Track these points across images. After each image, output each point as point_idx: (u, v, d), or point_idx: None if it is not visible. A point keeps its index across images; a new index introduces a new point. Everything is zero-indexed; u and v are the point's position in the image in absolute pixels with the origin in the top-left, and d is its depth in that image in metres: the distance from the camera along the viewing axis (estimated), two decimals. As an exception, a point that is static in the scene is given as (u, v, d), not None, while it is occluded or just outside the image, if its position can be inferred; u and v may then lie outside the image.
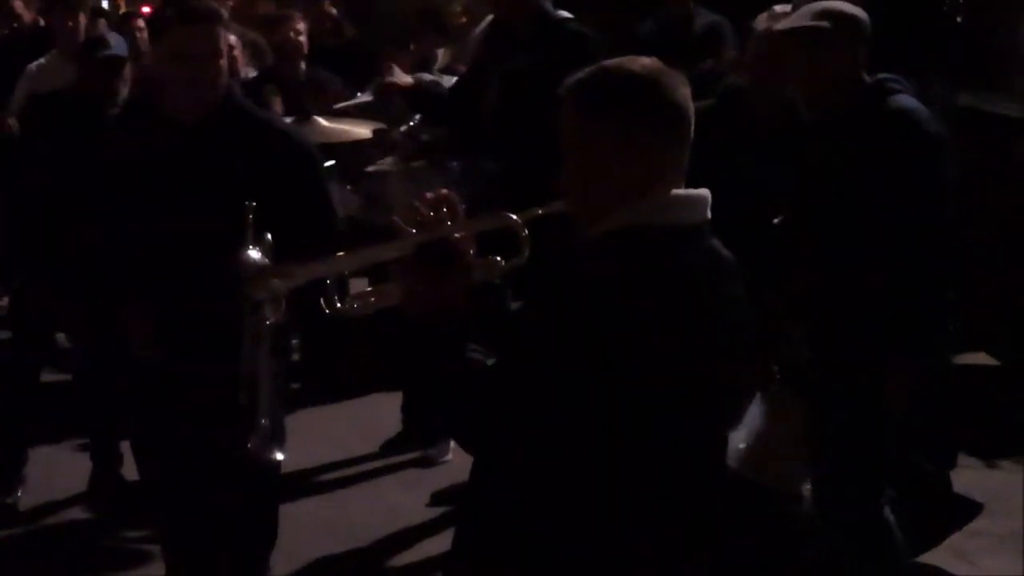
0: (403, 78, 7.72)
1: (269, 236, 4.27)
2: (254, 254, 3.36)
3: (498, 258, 3.16)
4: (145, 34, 9.00)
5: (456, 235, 3.08)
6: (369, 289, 3.30)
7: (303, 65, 8.86)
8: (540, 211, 3.17)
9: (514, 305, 3.27)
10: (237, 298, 3.38)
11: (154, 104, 4.85)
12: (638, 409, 2.86)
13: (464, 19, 9.59)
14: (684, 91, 3.05)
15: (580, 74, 3.08)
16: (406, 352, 3.04)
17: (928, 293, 5.12)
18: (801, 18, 5.26)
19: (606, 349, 2.83)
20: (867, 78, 5.25)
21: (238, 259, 3.37)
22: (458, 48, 9.48)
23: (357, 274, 5.23)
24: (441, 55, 9.37)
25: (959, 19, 8.64)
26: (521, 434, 2.90)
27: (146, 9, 10.10)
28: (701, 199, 3.08)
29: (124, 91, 7.26)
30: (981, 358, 8.37)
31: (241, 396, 4.23)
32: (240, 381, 4.28)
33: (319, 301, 3.19)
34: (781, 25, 5.35)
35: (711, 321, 2.96)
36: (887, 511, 5.37)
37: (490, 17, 7.47)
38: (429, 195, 3.13)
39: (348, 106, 8.10)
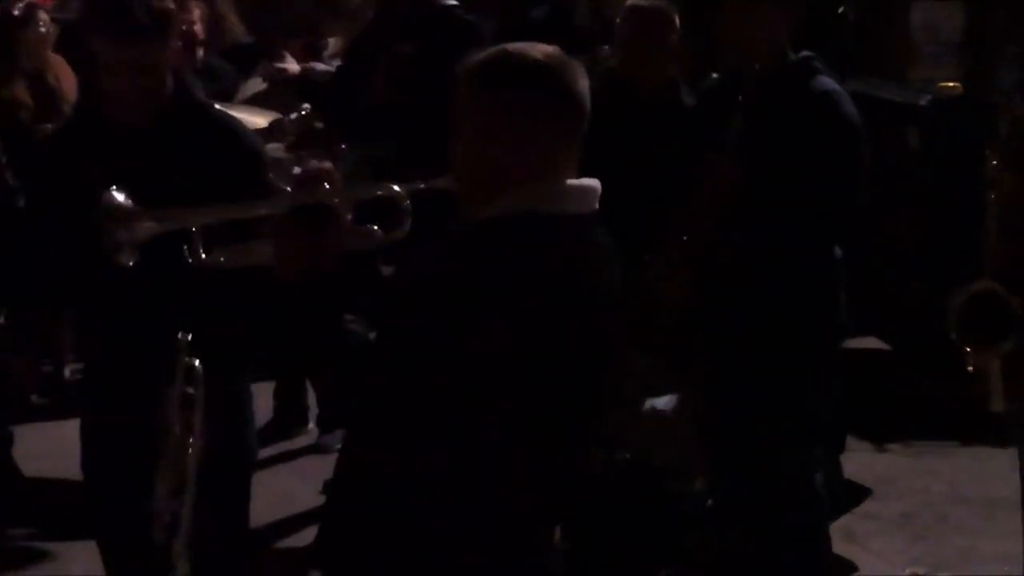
0: (292, 66, 7.67)
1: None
2: (119, 195, 3.33)
3: (376, 227, 3.14)
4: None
5: (333, 199, 3.06)
6: (239, 245, 3.28)
7: (200, 53, 8.74)
8: (423, 185, 3.16)
9: (386, 271, 3.27)
10: (99, 238, 3.36)
11: (101, 108, 4.46)
12: (511, 391, 2.89)
13: (359, 1, 9.50)
14: (584, 83, 3.06)
15: (480, 56, 3.08)
16: (282, 318, 3.04)
17: (834, 277, 5.20)
18: None
19: (487, 333, 2.85)
20: (792, 54, 5.30)
21: (103, 199, 3.34)
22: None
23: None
24: (333, 43, 9.30)
25: (841, 9, 8.75)
26: (397, 409, 2.91)
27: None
28: (592, 190, 3.09)
29: None
30: (871, 342, 8.45)
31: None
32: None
33: None
34: None
35: (587, 310, 2.98)
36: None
37: None
38: (310, 161, 3.12)
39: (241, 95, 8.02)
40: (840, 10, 8.88)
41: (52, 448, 7.07)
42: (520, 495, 2.99)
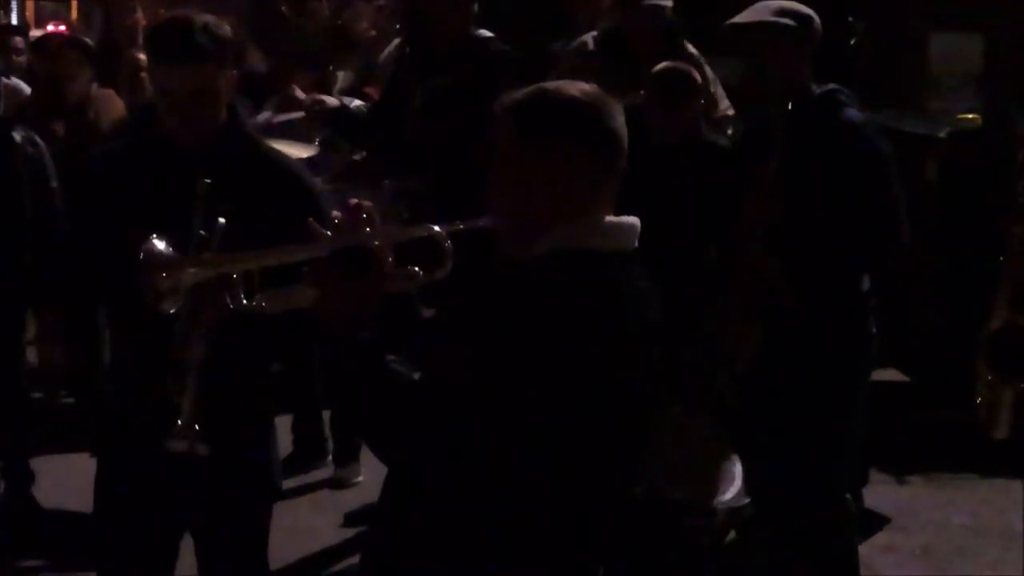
0: (331, 100, 7.67)
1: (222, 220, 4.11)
2: (159, 244, 3.35)
3: (416, 269, 3.11)
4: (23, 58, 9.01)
5: (374, 242, 3.04)
6: (279, 288, 3.27)
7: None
8: (462, 226, 3.14)
9: (425, 313, 3.26)
10: (139, 287, 3.35)
11: (153, 124, 4.41)
12: (560, 429, 2.88)
13: (373, 32, 9.51)
14: (621, 119, 3.07)
15: (518, 95, 3.08)
16: (323, 359, 3.03)
17: (864, 308, 5.24)
18: (760, 13, 5.27)
19: (535, 370, 2.85)
20: (815, 88, 5.29)
21: (143, 248, 3.34)
22: (363, 69, 9.39)
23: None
24: (342, 77, 9.32)
25: (852, 42, 8.77)
26: (446, 449, 2.90)
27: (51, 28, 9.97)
28: (632, 227, 3.10)
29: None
30: (891, 374, 8.43)
31: (168, 383, 4.08)
32: (169, 368, 4.12)
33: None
34: (741, 18, 5.33)
35: (631, 349, 2.99)
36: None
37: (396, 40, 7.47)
38: (349, 202, 3.11)
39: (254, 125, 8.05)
40: (852, 42, 8.88)
41: (66, 479, 7.10)
42: (566, 535, 2.99)
